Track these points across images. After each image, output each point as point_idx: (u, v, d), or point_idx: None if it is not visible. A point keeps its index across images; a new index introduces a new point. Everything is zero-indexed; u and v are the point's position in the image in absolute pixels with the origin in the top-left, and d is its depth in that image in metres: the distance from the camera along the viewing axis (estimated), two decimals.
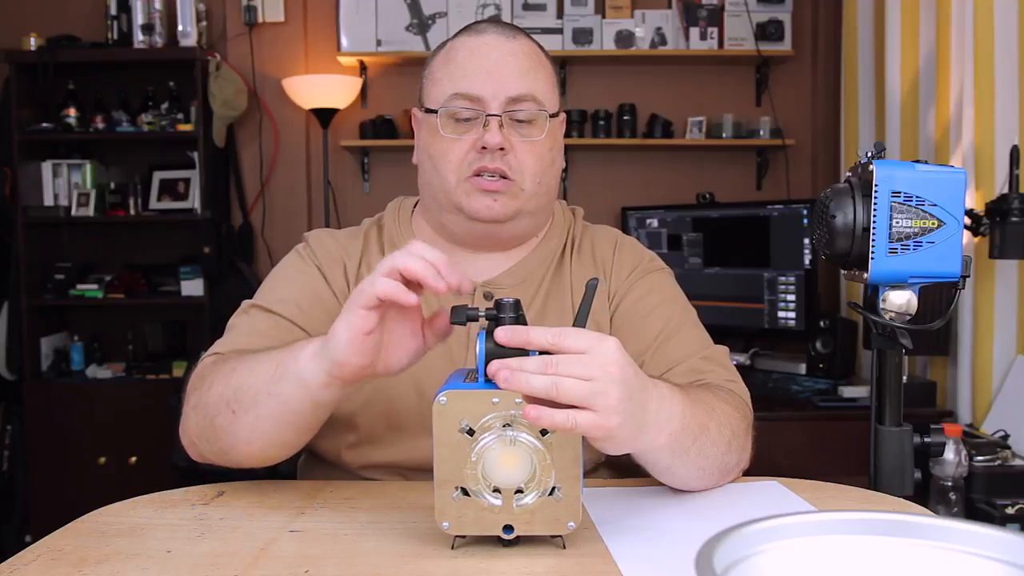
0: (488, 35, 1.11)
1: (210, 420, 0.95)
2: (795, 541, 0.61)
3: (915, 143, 2.55)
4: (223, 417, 0.93)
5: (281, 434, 0.92)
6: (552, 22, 3.23)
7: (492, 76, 1.08)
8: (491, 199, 1.08)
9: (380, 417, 1.09)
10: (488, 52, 1.09)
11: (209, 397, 0.95)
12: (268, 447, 0.94)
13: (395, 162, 3.37)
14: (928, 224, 0.99)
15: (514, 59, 1.09)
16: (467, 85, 1.08)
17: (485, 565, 0.78)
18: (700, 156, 3.37)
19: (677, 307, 1.17)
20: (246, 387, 0.91)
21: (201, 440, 0.98)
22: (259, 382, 0.90)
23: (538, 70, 1.11)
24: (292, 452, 0.98)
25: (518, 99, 1.08)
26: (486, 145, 1.06)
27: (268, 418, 0.90)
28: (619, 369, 0.76)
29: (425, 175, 1.14)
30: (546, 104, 1.10)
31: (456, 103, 1.08)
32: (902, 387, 1.09)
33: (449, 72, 1.10)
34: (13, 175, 3.12)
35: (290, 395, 0.88)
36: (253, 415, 0.91)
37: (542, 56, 1.14)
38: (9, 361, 3.18)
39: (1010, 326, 2.19)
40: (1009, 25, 2.15)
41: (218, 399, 0.94)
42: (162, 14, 3.19)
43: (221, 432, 0.94)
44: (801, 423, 2.38)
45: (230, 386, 0.93)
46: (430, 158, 1.12)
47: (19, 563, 0.79)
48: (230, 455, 0.96)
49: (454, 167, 1.09)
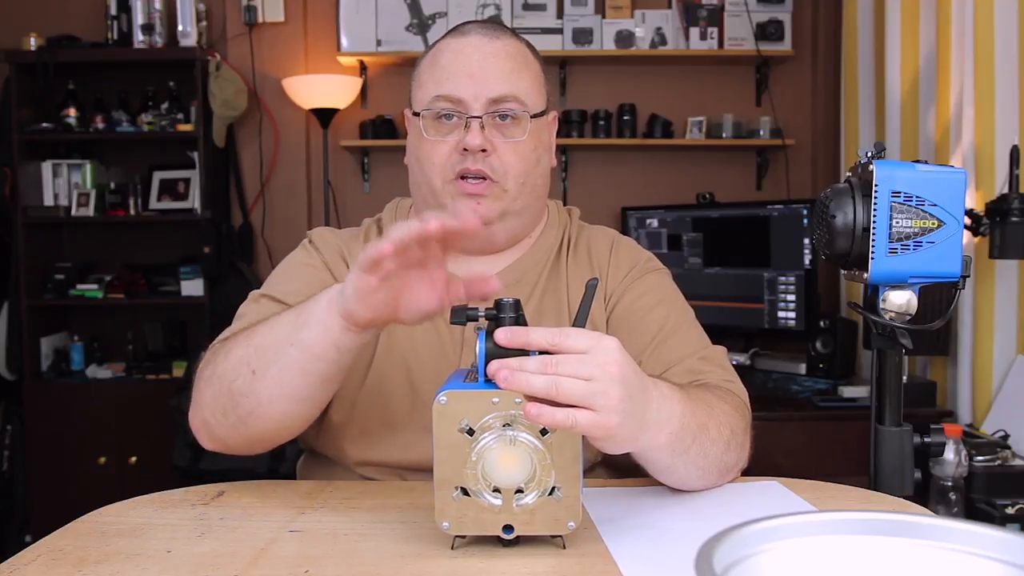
0: (472, 36, 1.11)
1: (227, 387, 0.93)
2: (795, 541, 0.61)
3: (915, 143, 2.55)
4: (242, 379, 0.92)
5: (305, 385, 0.91)
6: (552, 22, 3.23)
7: (474, 78, 1.08)
8: (475, 201, 1.09)
9: (375, 414, 1.09)
10: (471, 54, 1.10)
11: (227, 364, 0.94)
12: (291, 404, 0.93)
13: (395, 162, 3.34)
14: (928, 224, 0.99)
15: (496, 60, 1.10)
16: (449, 87, 1.09)
17: (485, 565, 0.78)
18: (700, 156, 3.37)
19: (675, 307, 1.17)
20: (267, 343, 0.91)
21: (216, 414, 0.96)
22: (281, 335, 0.90)
23: (522, 70, 1.11)
24: (313, 412, 0.97)
25: (499, 100, 1.09)
26: (467, 147, 1.07)
27: (292, 368, 0.90)
28: (619, 368, 0.76)
29: (413, 176, 1.16)
30: (529, 104, 1.11)
31: (438, 105, 1.09)
32: (902, 387, 1.09)
33: (434, 75, 1.11)
34: (13, 175, 3.12)
35: (314, 340, 0.88)
36: (276, 368, 0.90)
37: (528, 55, 1.14)
38: (9, 361, 3.18)
39: (1010, 326, 2.19)
40: (1009, 25, 2.15)
41: (237, 362, 0.93)
42: (162, 14, 3.19)
43: (240, 396, 0.93)
44: (801, 423, 2.38)
45: (251, 347, 0.93)
46: (417, 160, 1.13)
47: (19, 563, 0.79)
48: (248, 423, 0.94)
49: (438, 169, 1.10)
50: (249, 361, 0.92)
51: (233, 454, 1.00)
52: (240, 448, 0.99)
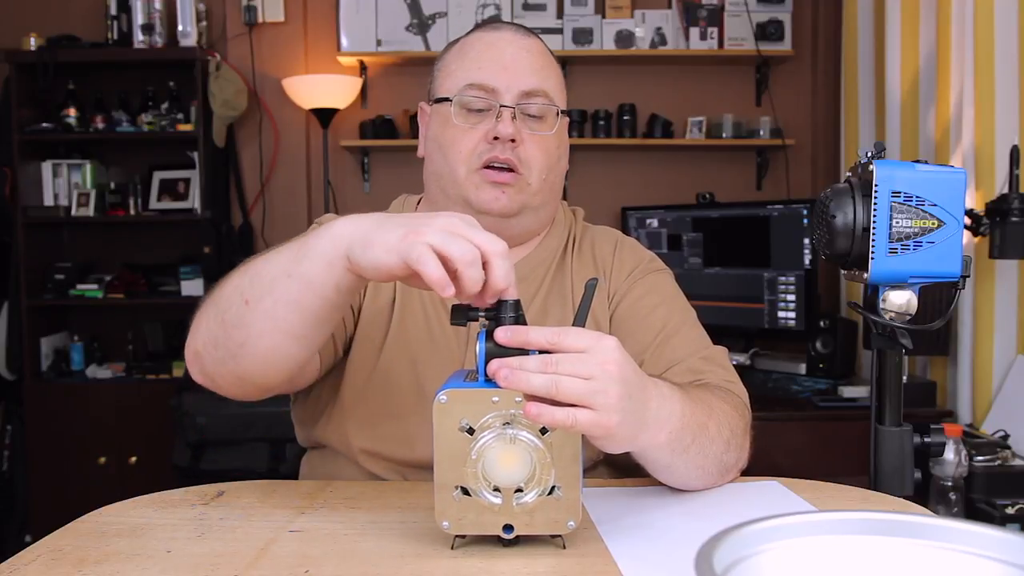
0: (504, 31, 1.15)
1: (220, 316, 0.89)
2: (795, 541, 0.61)
3: (915, 143, 2.55)
4: (234, 309, 0.88)
5: (300, 320, 0.86)
6: (552, 22, 3.23)
7: (507, 69, 1.10)
8: (499, 191, 1.09)
9: (381, 403, 1.09)
10: (504, 47, 1.12)
11: (223, 291, 0.90)
12: (283, 339, 0.88)
13: (395, 162, 3.37)
14: (928, 224, 0.99)
15: (529, 55, 1.13)
16: (482, 76, 1.10)
17: (485, 565, 0.78)
18: (700, 156, 3.37)
19: (677, 308, 1.17)
20: (264, 273, 0.87)
21: (208, 345, 0.91)
22: (278, 266, 0.86)
23: (550, 69, 1.15)
24: (305, 353, 0.91)
25: (531, 93, 1.11)
26: (498, 135, 1.08)
27: (286, 301, 0.85)
28: (618, 367, 0.77)
29: (433, 165, 1.15)
30: (557, 101, 1.14)
31: (470, 93, 1.10)
32: (902, 387, 1.09)
33: (464, 64, 1.12)
34: (13, 175, 3.12)
35: (314, 275, 0.83)
36: (270, 300, 0.85)
37: (552, 59, 1.18)
38: (9, 361, 3.18)
39: (1010, 326, 2.19)
40: (1009, 25, 2.15)
41: (232, 290, 0.89)
42: (162, 14, 3.19)
43: (231, 328, 0.88)
44: (801, 423, 2.38)
45: (246, 276, 0.88)
46: (440, 148, 1.13)
47: (19, 563, 0.78)
48: (238, 357, 0.89)
49: (464, 157, 1.10)
50: (243, 291, 0.87)
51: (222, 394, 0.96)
52: (229, 388, 0.94)
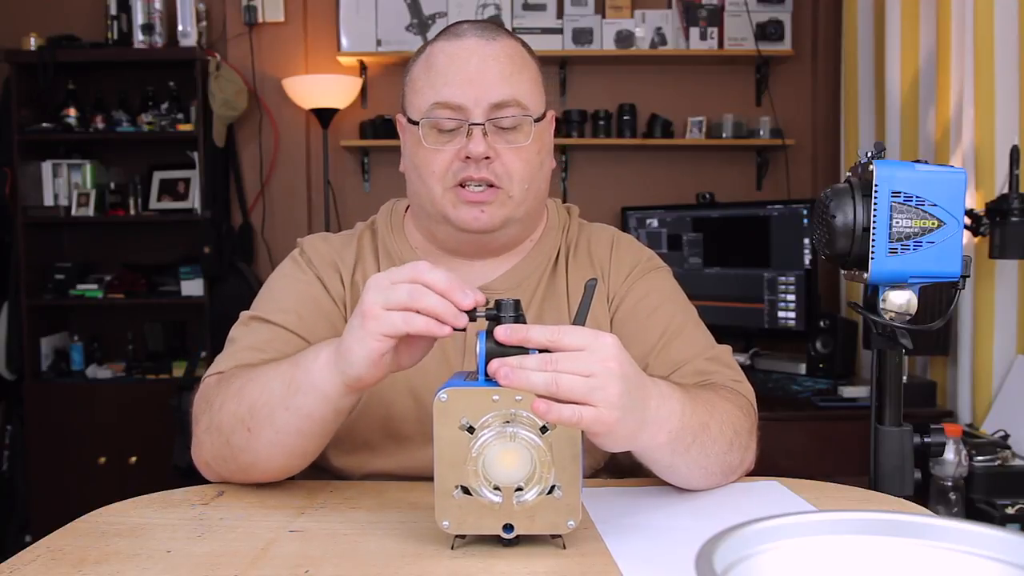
0: (468, 39, 1.07)
1: (225, 439, 0.95)
2: (795, 541, 0.61)
3: (915, 143, 2.55)
4: (239, 436, 0.93)
5: (303, 443, 0.93)
6: (552, 22, 3.23)
7: (473, 83, 1.04)
8: (478, 210, 1.06)
9: (378, 425, 1.08)
10: (468, 57, 1.05)
11: (222, 417, 0.95)
12: (290, 459, 0.95)
13: (395, 162, 3.29)
14: (928, 224, 0.99)
15: (496, 63, 1.05)
16: (448, 94, 1.04)
17: (485, 565, 0.78)
18: (700, 156, 3.37)
19: (678, 307, 1.16)
20: (260, 404, 0.91)
21: (217, 461, 0.98)
22: (273, 398, 0.90)
23: (521, 72, 1.07)
24: (311, 459, 0.98)
25: (501, 105, 1.04)
26: (470, 155, 1.03)
27: (288, 432, 0.91)
28: (618, 365, 0.77)
29: (412, 185, 1.13)
30: (531, 107, 1.07)
31: (438, 113, 1.05)
32: (902, 387, 1.09)
33: (430, 80, 1.06)
34: (13, 175, 3.12)
35: (312, 407, 0.89)
36: (271, 431, 0.91)
37: (525, 56, 1.10)
38: (9, 361, 3.18)
39: (1010, 326, 2.19)
40: (1009, 25, 2.15)
41: (231, 418, 0.94)
42: (162, 14, 3.19)
43: (239, 451, 0.95)
44: (801, 423, 2.38)
45: (243, 404, 0.93)
46: (415, 168, 1.10)
47: (19, 563, 0.78)
48: (250, 472, 0.98)
49: (438, 177, 1.06)
50: (243, 420, 0.93)
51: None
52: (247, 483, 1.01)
